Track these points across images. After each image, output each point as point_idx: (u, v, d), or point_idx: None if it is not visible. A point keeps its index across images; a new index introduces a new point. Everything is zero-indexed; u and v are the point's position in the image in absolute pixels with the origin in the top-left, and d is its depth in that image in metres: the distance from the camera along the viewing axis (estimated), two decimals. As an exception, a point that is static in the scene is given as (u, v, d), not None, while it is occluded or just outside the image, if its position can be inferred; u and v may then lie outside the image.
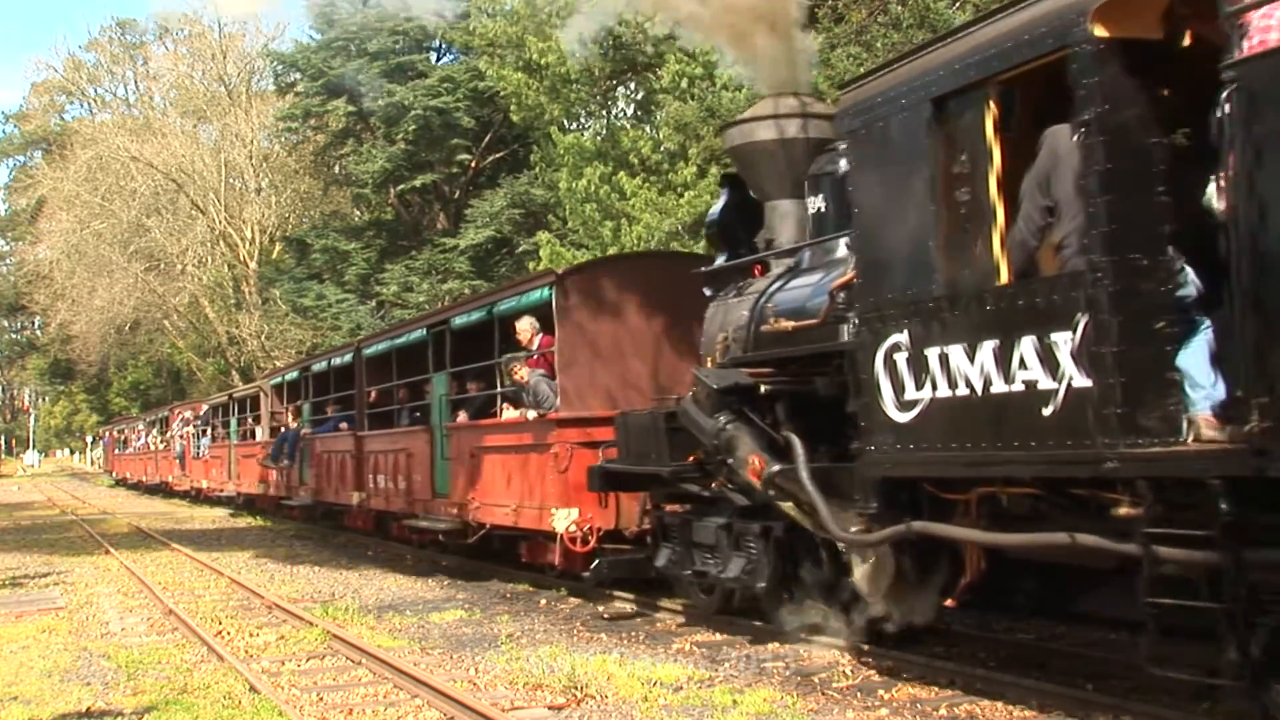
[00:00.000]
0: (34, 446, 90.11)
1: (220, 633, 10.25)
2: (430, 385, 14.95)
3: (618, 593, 11.12)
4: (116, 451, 52.76)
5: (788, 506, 7.94)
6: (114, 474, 52.85)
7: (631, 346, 11.69)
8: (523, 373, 11.96)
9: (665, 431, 9.12)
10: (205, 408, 33.36)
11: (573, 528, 10.79)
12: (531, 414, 11.73)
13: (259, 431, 25.75)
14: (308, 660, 9.06)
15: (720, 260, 10.00)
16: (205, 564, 15.96)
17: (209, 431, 31.88)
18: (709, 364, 9.20)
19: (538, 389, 11.74)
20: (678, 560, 9.59)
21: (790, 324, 8.29)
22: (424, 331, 15.19)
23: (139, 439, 45.32)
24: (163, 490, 38.55)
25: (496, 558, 13.71)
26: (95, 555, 18.16)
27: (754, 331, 8.82)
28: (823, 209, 8.68)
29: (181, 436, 35.35)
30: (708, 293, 9.93)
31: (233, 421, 28.53)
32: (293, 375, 23.40)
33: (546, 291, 11.67)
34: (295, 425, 21.97)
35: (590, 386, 11.47)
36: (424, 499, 14.86)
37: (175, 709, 7.36)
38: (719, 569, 8.96)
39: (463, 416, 14.02)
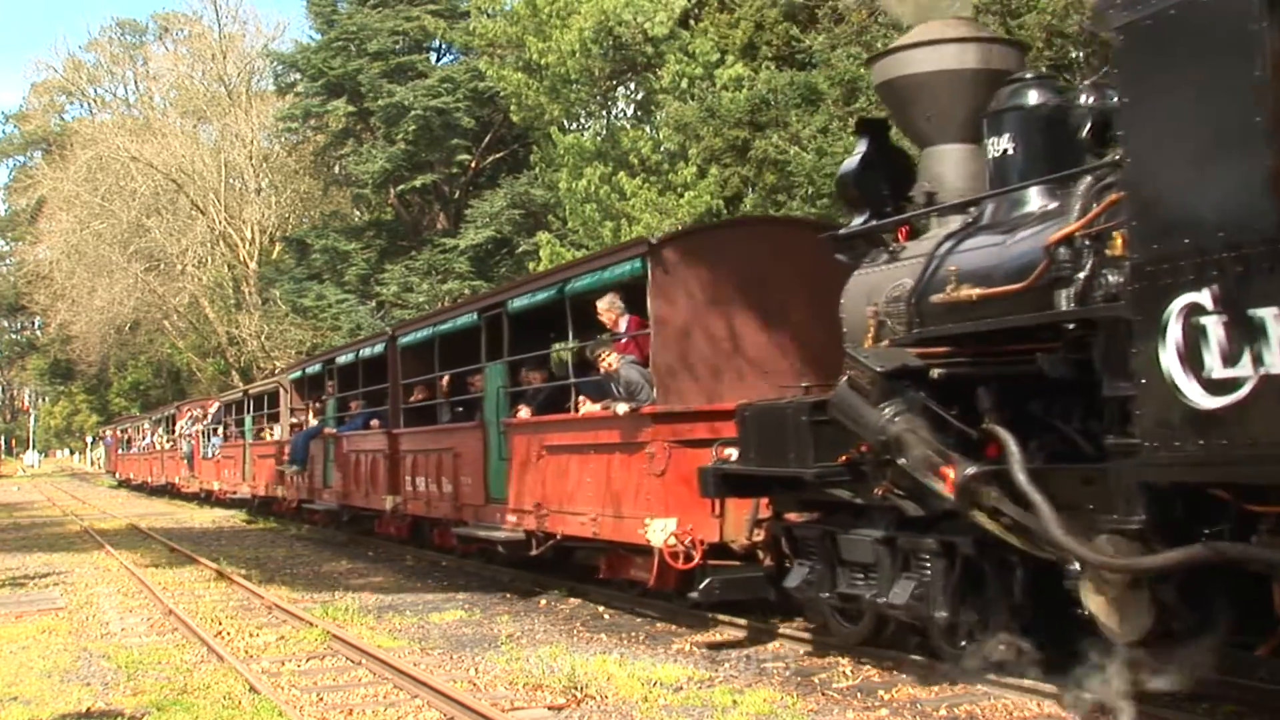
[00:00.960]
0: (34, 447, 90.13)
1: (220, 633, 10.24)
2: (480, 377, 13.41)
3: (721, 616, 9.59)
4: (120, 452, 51.12)
5: (984, 518, 6.39)
6: (117, 475, 51.32)
7: (740, 328, 10.02)
8: (611, 359, 10.30)
9: (809, 426, 7.54)
10: (216, 405, 31.83)
11: (672, 540, 9.21)
12: (621, 407, 9.93)
13: (277, 429, 24.08)
14: (308, 660, 9.05)
15: (857, 221, 8.43)
16: (205, 564, 15.95)
17: (220, 430, 30.22)
18: (868, 343, 7.59)
19: (629, 378, 10.03)
20: (815, 580, 8.05)
21: (975, 291, 6.69)
22: (474, 316, 13.39)
23: (144, 438, 43.75)
24: (168, 492, 37.16)
25: (566, 572, 12.37)
26: (95, 555, 18.15)
27: (919, 303, 7.26)
28: (1009, 151, 7.19)
29: (190, 436, 33.57)
30: (842, 259, 8.44)
31: (247, 419, 26.64)
32: (315, 368, 21.57)
33: (637, 264, 9.98)
34: (316, 422, 20.43)
35: (691, 375, 9.80)
36: (475, 504, 13.18)
37: (175, 709, 7.36)
38: (877, 593, 7.40)
39: (525, 412, 12.15)
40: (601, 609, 10.94)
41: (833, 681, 7.54)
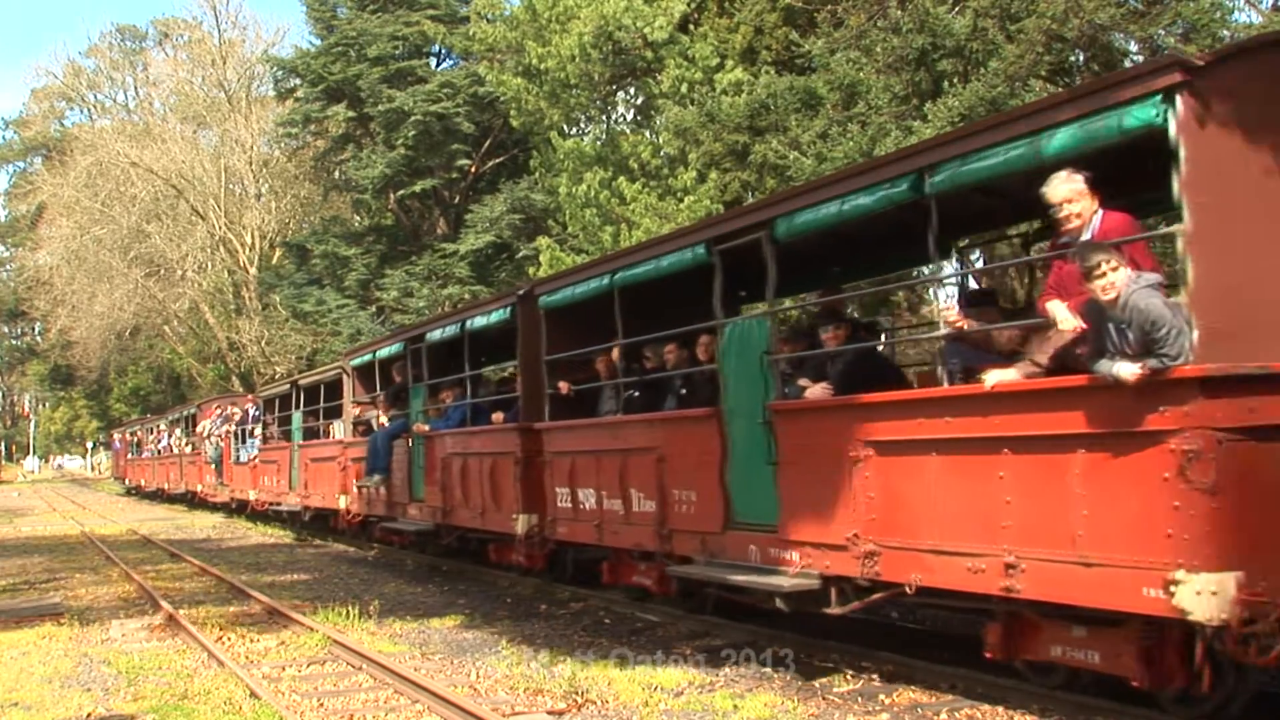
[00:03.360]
0: (34, 452, 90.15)
1: (221, 638, 10.24)
2: (675, 347, 10.11)
3: None
4: (129, 456, 47.44)
5: None
6: (126, 481, 48.10)
7: None
8: (1116, 277, 5.83)
9: None
10: (253, 405, 27.12)
11: (1232, 612, 5.40)
12: (1125, 368, 5.72)
13: (338, 428, 19.49)
14: (308, 666, 9.05)
15: None
16: (206, 569, 15.94)
17: (258, 430, 25.49)
18: None
19: (1149, 313, 5.74)
20: None
21: None
22: (699, 250, 9.10)
23: (160, 440, 39.65)
24: (187, 500, 33.42)
25: (883, 642, 8.49)
26: (96, 561, 18.14)
27: None
28: None
29: (219, 436, 28.97)
30: None
31: (296, 416, 21.78)
32: (391, 350, 16.62)
33: (1150, 110, 5.77)
34: (388, 418, 16.35)
35: (1273, 311, 5.76)
36: (704, 531, 9.04)
37: (176, 715, 7.37)
38: None
39: (817, 390, 8.06)
40: (602, 613, 10.93)
41: (834, 686, 7.54)
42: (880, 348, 8.56)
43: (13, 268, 73.00)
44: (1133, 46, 15.90)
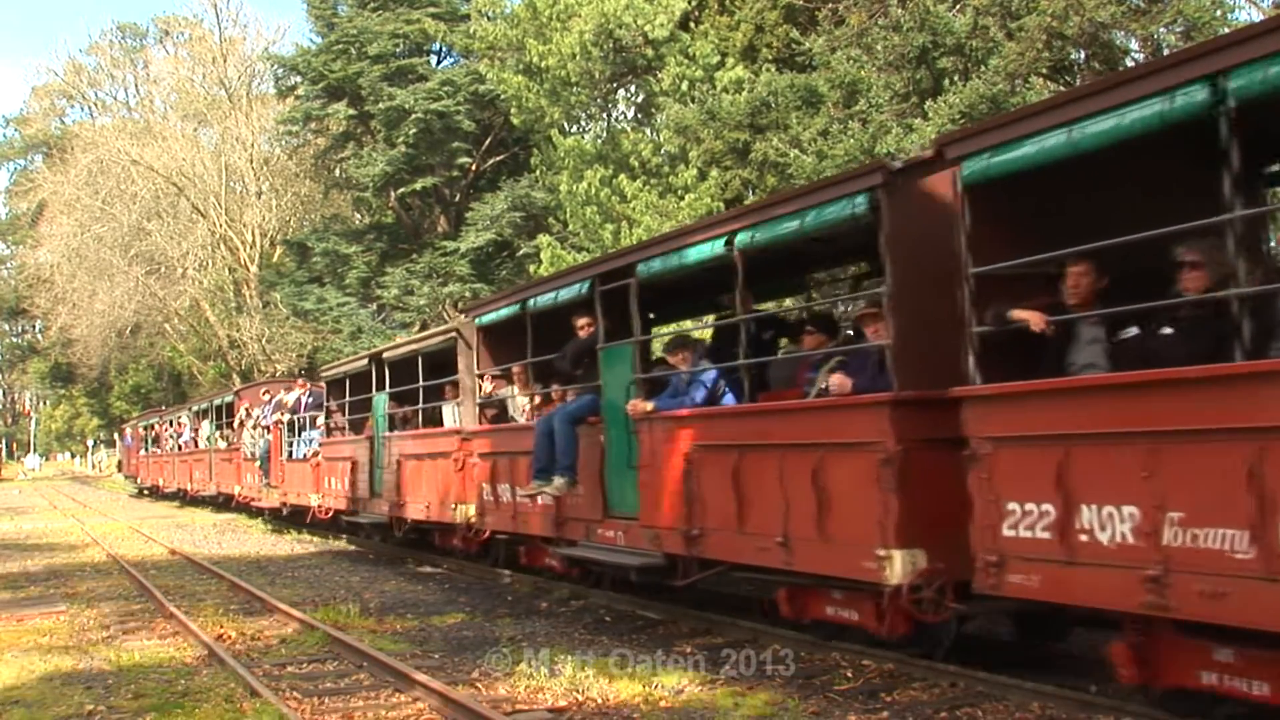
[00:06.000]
0: (35, 450, 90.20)
1: (221, 636, 10.24)
2: None
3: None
4: (142, 452, 41.89)
5: None
6: (139, 480, 42.68)
7: None
8: None
9: None
10: (305, 389, 22.17)
11: None
12: None
13: (450, 413, 14.45)
14: (309, 664, 9.05)
15: None
16: (206, 567, 15.94)
17: (319, 420, 20.48)
18: None
19: None
20: None
21: None
22: None
23: (180, 434, 34.45)
24: (214, 503, 29.06)
25: None
26: (96, 559, 18.15)
27: None
28: None
29: (265, 429, 23.72)
30: None
31: (379, 400, 16.60)
32: (558, 296, 11.23)
33: None
34: (572, 401, 11.04)
35: None
36: None
37: (176, 713, 7.36)
38: None
39: None
40: (603, 612, 10.93)
41: (834, 684, 7.54)
42: None
43: (13, 265, 73.09)
44: (1133, 44, 15.91)
